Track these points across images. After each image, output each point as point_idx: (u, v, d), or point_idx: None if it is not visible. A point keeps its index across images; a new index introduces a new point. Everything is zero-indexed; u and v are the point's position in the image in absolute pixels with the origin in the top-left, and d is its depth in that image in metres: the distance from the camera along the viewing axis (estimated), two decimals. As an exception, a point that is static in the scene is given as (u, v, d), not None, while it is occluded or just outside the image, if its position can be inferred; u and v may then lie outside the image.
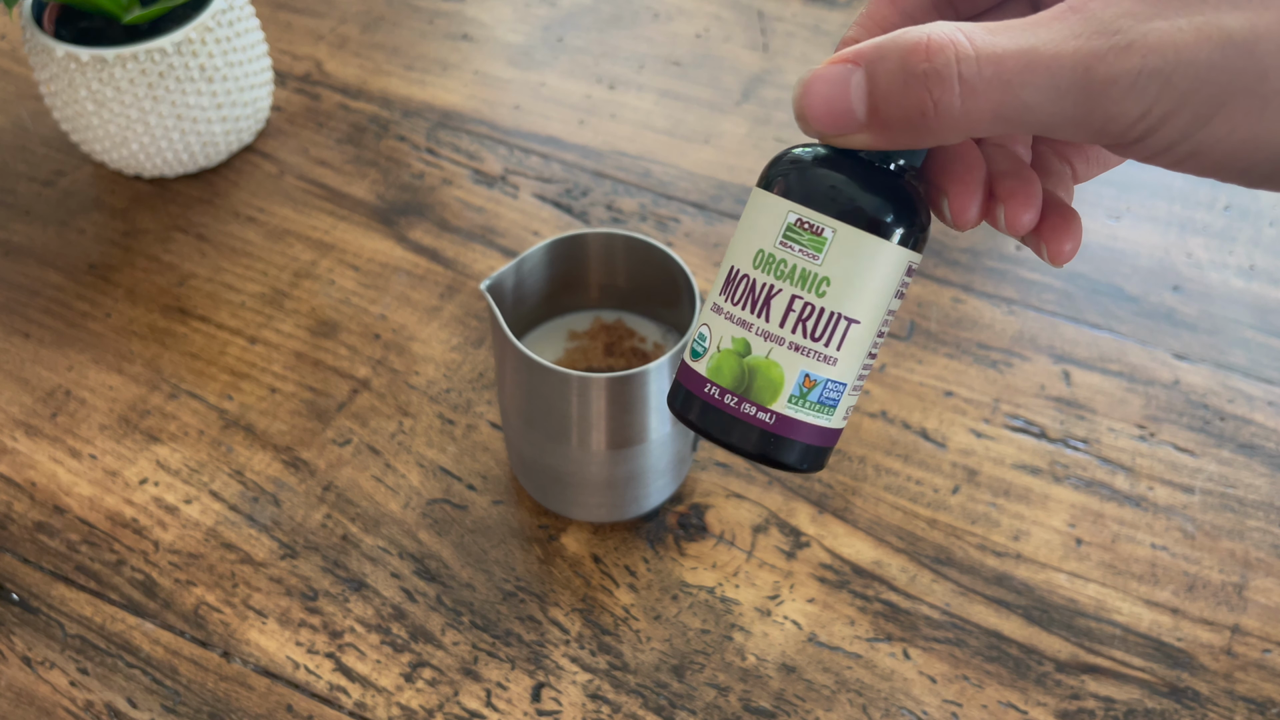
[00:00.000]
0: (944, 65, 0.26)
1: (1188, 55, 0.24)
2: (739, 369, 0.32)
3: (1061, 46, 0.25)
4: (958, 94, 0.26)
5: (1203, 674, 0.50)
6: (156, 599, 0.52)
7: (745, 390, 0.31)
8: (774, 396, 0.31)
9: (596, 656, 0.50)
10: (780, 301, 0.31)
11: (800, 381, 0.31)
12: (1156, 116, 0.25)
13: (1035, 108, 0.26)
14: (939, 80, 0.26)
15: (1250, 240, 0.68)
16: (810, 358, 0.31)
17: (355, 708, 0.49)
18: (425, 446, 0.57)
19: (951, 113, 0.26)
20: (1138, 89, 0.25)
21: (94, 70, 0.63)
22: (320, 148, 0.73)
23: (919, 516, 0.55)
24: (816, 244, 0.30)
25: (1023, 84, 0.26)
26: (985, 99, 0.26)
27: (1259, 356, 0.62)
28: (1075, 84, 0.25)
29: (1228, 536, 0.54)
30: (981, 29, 0.26)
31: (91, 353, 0.62)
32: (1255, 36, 0.24)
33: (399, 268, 0.66)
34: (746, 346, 0.31)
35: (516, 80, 0.78)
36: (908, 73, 0.26)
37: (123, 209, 0.69)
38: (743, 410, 0.32)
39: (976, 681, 0.50)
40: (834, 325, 0.31)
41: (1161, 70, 0.25)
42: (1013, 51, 0.26)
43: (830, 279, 0.30)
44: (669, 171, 0.71)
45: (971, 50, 0.26)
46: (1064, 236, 0.31)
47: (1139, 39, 0.25)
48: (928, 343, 0.62)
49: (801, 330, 0.31)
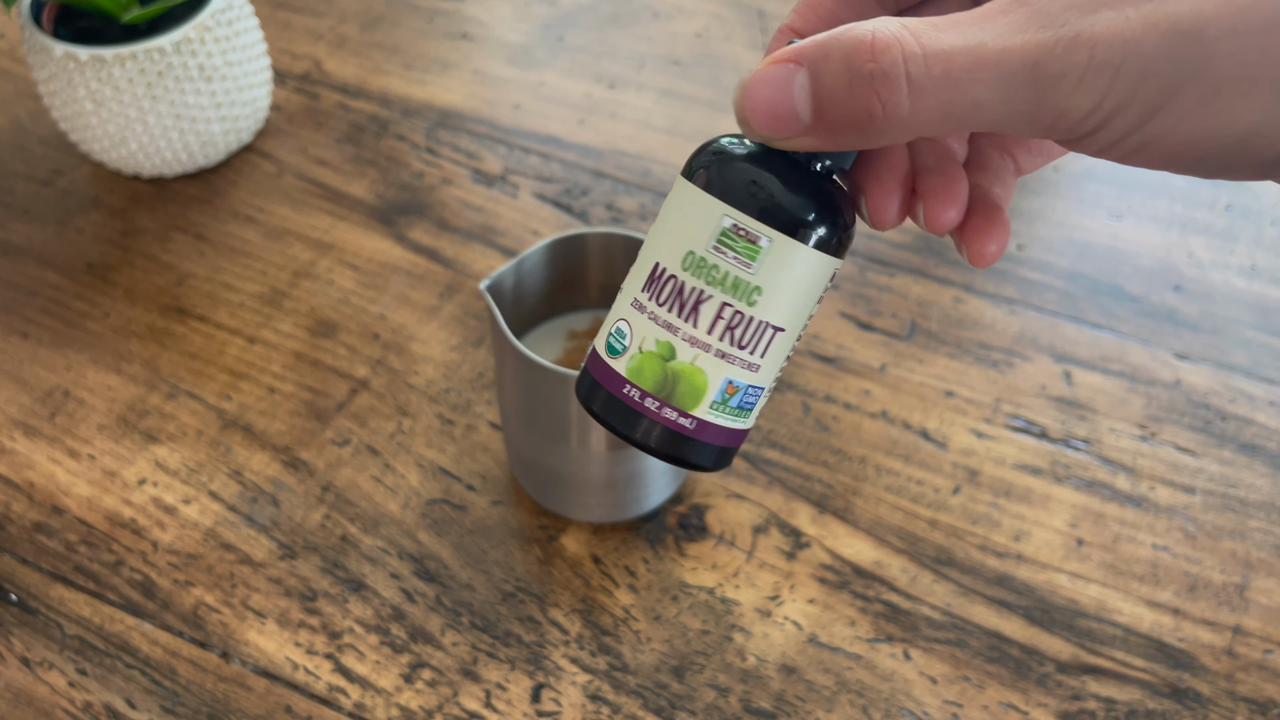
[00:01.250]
0: (891, 65, 0.25)
1: (1135, 45, 0.24)
2: (662, 373, 0.31)
3: (1009, 41, 0.25)
4: (906, 95, 0.25)
5: (1204, 675, 0.50)
6: (155, 599, 0.52)
7: (667, 395, 0.31)
8: (696, 403, 0.31)
9: (596, 657, 0.50)
10: (710, 308, 0.30)
11: (723, 389, 0.31)
12: (1107, 109, 0.25)
13: (985, 105, 0.25)
14: (886, 81, 0.25)
15: (1252, 240, 0.68)
16: (735, 365, 0.30)
17: (354, 708, 0.49)
18: (424, 447, 0.57)
19: (900, 114, 0.25)
20: (1087, 82, 0.24)
21: (93, 70, 0.63)
22: (319, 147, 0.73)
23: (920, 517, 0.55)
24: (751, 252, 0.30)
25: (972, 81, 0.25)
26: (934, 99, 0.25)
27: (1260, 356, 0.61)
28: (1025, 80, 0.25)
29: (1229, 537, 0.54)
30: (927, 25, 0.26)
31: (90, 353, 0.62)
32: (1203, 22, 0.24)
33: (398, 267, 0.66)
34: (671, 351, 0.31)
35: (516, 79, 0.78)
36: (853, 73, 0.25)
37: (121, 208, 0.69)
38: (663, 414, 0.31)
39: (977, 682, 0.50)
40: (761, 334, 0.30)
41: (1110, 62, 0.24)
42: (960, 49, 0.25)
43: (763, 289, 0.30)
44: (669, 171, 0.71)
45: (918, 49, 0.25)
46: (987, 237, 0.30)
47: (1086, 30, 0.24)
48: (928, 343, 0.62)
49: (729, 339, 0.30)
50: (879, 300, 0.64)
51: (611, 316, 0.32)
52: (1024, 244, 0.67)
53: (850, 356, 0.61)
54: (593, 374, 0.32)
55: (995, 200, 0.31)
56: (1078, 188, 0.71)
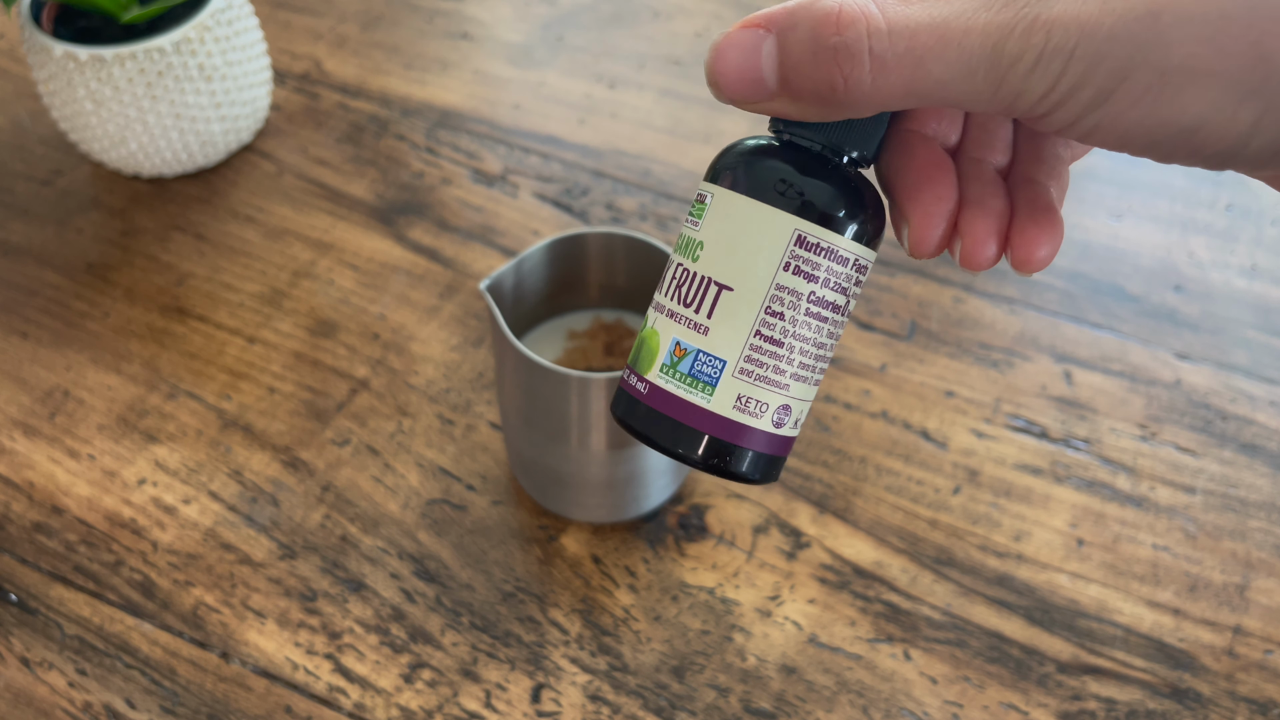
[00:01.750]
0: (854, 40, 0.25)
1: (1090, 30, 0.24)
2: (636, 343, 0.31)
3: (972, 21, 0.25)
4: (868, 69, 0.25)
5: (1204, 675, 0.50)
6: (155, 599, 0.52)
7: (634, 362, 0.30)
8: (650, 365, 0.30)
9: (596, 657, 0.50)
10: (670, 272, 0.30)
11: (671, 349, 0.29)
12: (1061, 92, 0.25)
13: (947, 84, 0.25)
14: (849, 55, 0.25)
15: (1252, 240, 0.68)
16: (681, 324, 0.29)
17: (354, 709, 0.49)
18: (424, 447, 0.57)
19: (862, 88, 0.26)
20: (1041, 65, 0.24)
21: (92, 69, 0.63)
22: (319, 147, 0.73)
23: (920, 517, 0.55)
24: (699, 210, 0.30)
25: (935, 60, 0.25)
26: (897, 75, 0.25)
27: (1261, 356, 0.61)
28: (984, 60, 0.25)
29: (1229, 537, 0.54)
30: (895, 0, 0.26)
31: (90, 352, 0.62)
32: (1159, 9, 0.24)
33: (398, 267, 0.66)
34: (646, 322, 0.31)
35: (516, 79, 0.78)
36: (818, 44, 0.26)
37: (121, 208, 0.69)
38: (629, 382, 0.30)
39: (978, 682, 0.50)
40: (704, 289, 0.29)
41: (1064, 46, 0.24)
42: (925, 25, 0.25)
43: (704, 243, 0.29)
44: (669, 171, 0.71)
45: (884, 24, 0.25)
46: (1038, 242, 0.29)
47: (1045, 13, 0.24)
48: (929, 342, 0.62)
49: (677, 296, 0.30)
50: (879, 300, 0.64)
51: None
52: (1024, 244, 0.67)
53: (850, 356, 0.61)
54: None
55: (1048, 199, 0.30)
56: (1078, 188, 0.71)
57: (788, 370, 0.30)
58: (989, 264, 0.30)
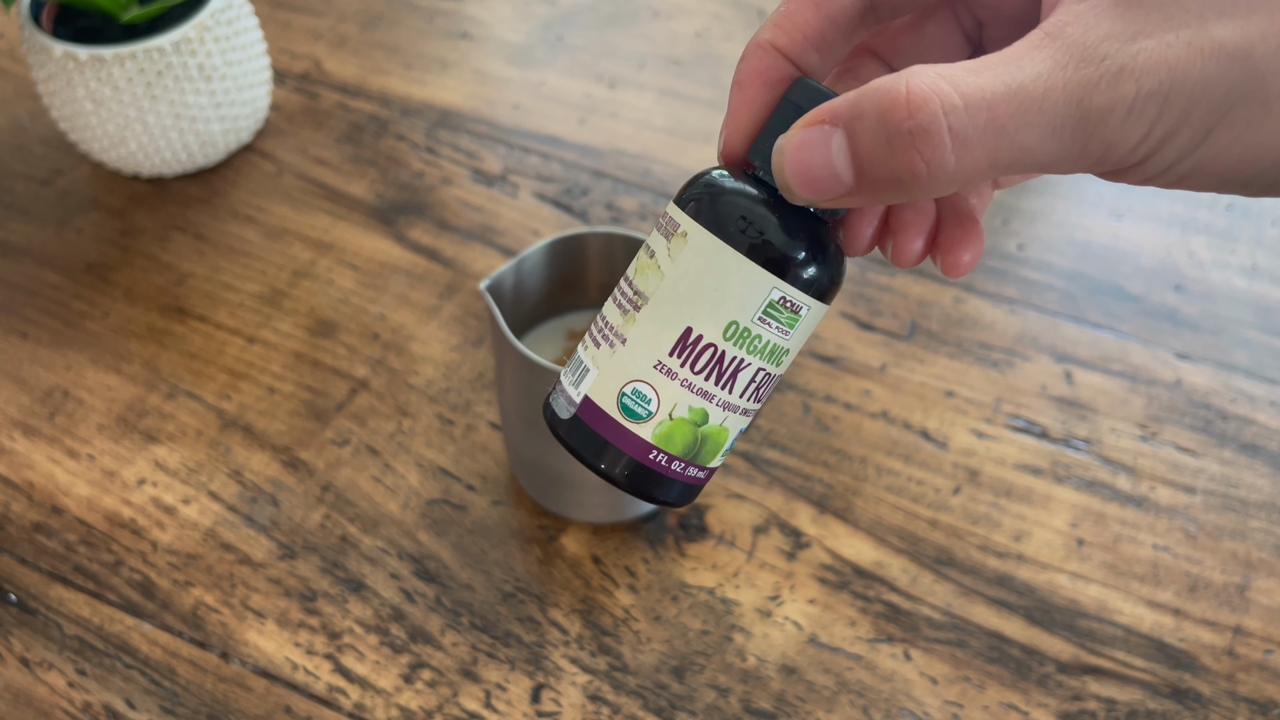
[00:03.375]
0: (930, 121, 0.24)
1: (1182, 72, 0.24)
2: (693, 438, 0.31)
3: (1050, 81, 0.24)
4: (950, 149, 0.24)
5: (1205, 675, 0.50)
6: (155, 600, 0.52)
7: (693, 457, 0.31)
8: (713, 456, 0.32)
9: (596, 658, 0.50)
10: (747, 375, 0.30)
11: (734, 439, 0.32)
12: (1157, 138, 0.25)
13: (1032, 149, 0.25)
14: (927, 138, 0.24)
15: (1253, 240, 0.68)
16: (749, 417, 0.32)
17: (354, 709, 0.49)
18: (424, 447, 0.57)
19: (946, 169, 0.24)
20: (1135, 113, 0.24)
21: (92, 69, 0.63)
22: (319, 147, 0.73)
23: (920, 517, 0.55)
24: (793, 321, 0.30)
25: (1018, 127, 0.24)
26: (980, 149, 0.24)
27: (1261, 356, 0.61)
28: (1070, 119, 0.24)
29: (1230, 537, 0.54)
30: (961, 70, 0.25)
31: (89, 352, 0.62)
32: (1249, 44, 0.24)
33: (398, 267, 0.65)
34: (704, 416, 0.30)
35: (516, 79, 0.77)
36: (891, 132, 0.25)
37: (121, 208, 0.69)
38: (686, 474, 0.31)
39: (978, 683, 0.50)
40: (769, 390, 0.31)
41: (1158, 91, 0.24)
42: (1002, 94, 0.24)
43: (790, 350, 0.30)
44: (669, 171, 0.71)
45: (958, 99, 0.24)
46: (962, 247, 0.30)
47: (1130, 62, 0.24)
48: (929, 343, 0.62)
49: (754, 397, 0.31)
50: (879, 300, 0.64)
51: (619, 370, 0.30)
52: (1024, 244, 0.67)
53: (850, 356, 0.61)
54: (600, 432, 0.31)
55: (970, 210, 0.31)
56: (1078, 188, 0.71)
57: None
58: (916, 261, 0.30)
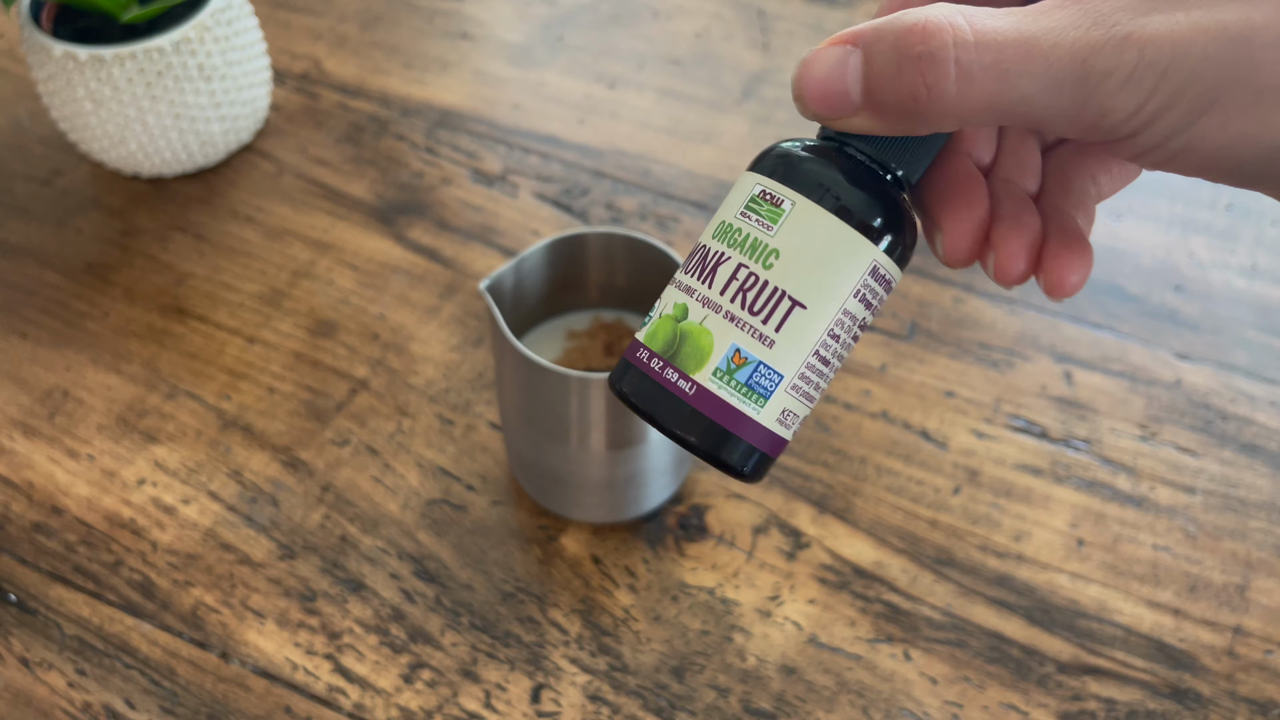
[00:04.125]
0: (940, 48, 0.25)
1: (1183, 48, 0.24)
2: (671, 332, 0.30)
3: (1061, 37, 0.25)
4: (953, 79, 0.25)
5: (1205, 675, 0.50)
6: (154, 600, 0.52)
7: (672, 355, 0.30)
8: (698, 365, 0.29)
9: (596, 658, 0.50)
10: (726, 269, 0.29)
11: (730, 355, 0.29)
12: (1150, 111, 0.25)
13: (1031, 99, 0.25)
14: (933, 64, 0.25)
15: (1253, 240, 0.68)
16: (744, 331, 0.29)
17: (354, 709, 0.49)
18: (424, 447, 0.57)
19: (946, 99, 0.26)
20: (1134, 82, 0.25)
21: (92, 69, 0.63)
22: (319, 147, 0.73)
23: (920, 517, 0.55)
24: (774, 215, 0.29)
25: (1020, 74, 0.25)
26: (981, 87, 0.25)
27: (1261, 357, 0.61)
28: (1071, 76, 0.25)
29: (1230, 537, 0.54)
30: (983, 13, 0.26)
31: (89, 352, 0.62)
32: (1250, 30, 0.24)
33: (398, 267, 0.65)
34: (684, 311, 0.30)
35: (516, 79, 0.77)
36: (902, 54, 0.26)
37: (120, 208, 0.69)
38: (665, 375, 0.30)
39: (978, 683, 0.50)
40: (776, 302, 0.29)
41: (1157, 63, 0.24)
42: (1013, 39, 0.25)
43: (780, 251, 0.29)
44: (669, 171, 0.71)
45: (970, 35, 0.25)
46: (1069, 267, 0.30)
47: (1136, 31, 0.25)
48: (929, 343, 0.62)
49: (740, 300, 0.29)
50: (879, 300, 0.64)
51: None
52: (1024, 244, 0.67)
53: (850, 356, 0.61)
54: (624, 356, 0.31)
55: (1078, 228, 0.31)
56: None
57: (824, 387, 0.31)
58: (1021, 279, 0.30)
